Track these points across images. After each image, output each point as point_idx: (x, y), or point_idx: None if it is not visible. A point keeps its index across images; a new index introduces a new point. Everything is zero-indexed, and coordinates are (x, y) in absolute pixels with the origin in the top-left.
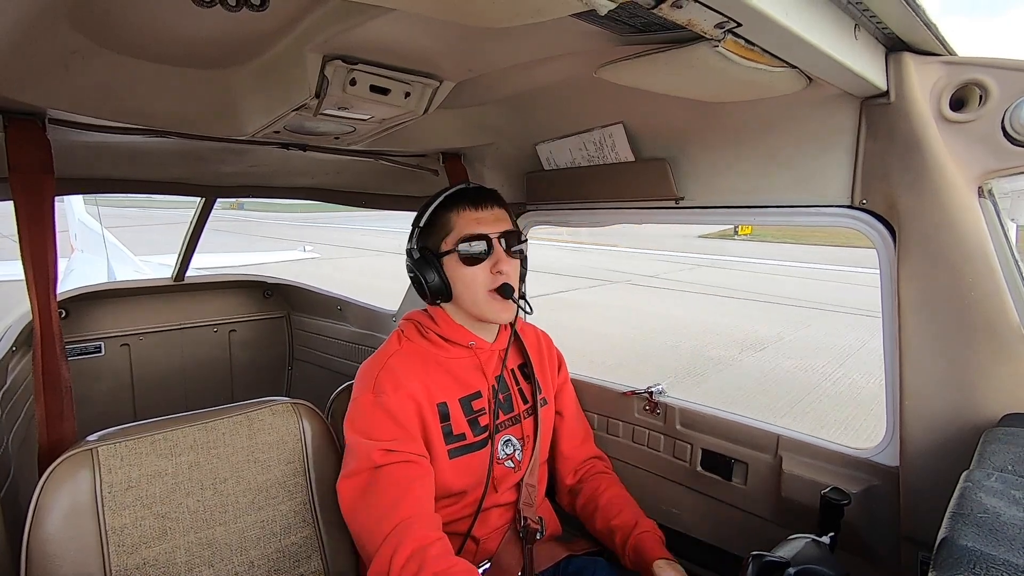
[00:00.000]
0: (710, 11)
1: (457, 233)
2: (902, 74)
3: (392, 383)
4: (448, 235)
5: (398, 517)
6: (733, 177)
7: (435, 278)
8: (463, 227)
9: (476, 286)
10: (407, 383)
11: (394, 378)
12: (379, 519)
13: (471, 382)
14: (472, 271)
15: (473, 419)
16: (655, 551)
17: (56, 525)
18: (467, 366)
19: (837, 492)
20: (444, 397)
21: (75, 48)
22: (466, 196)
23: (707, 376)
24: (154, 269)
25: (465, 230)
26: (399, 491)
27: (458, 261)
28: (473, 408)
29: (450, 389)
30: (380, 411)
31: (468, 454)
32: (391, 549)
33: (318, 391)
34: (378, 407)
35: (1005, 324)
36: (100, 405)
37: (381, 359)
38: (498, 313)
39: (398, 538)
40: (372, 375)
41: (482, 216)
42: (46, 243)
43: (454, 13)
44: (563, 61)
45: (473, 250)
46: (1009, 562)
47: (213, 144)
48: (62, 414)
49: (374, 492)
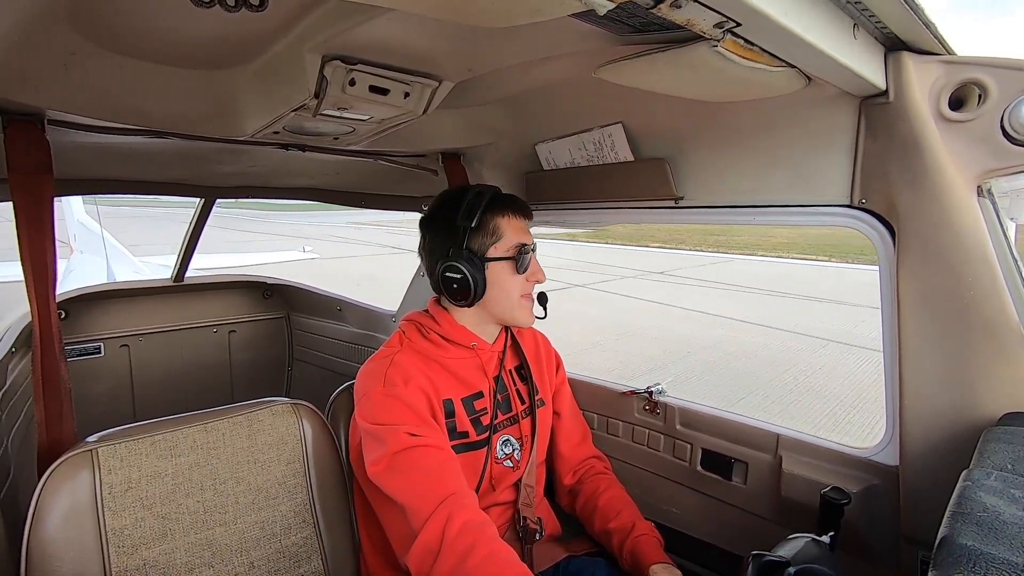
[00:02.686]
0: (709, 11)
1: (508, 241)
2: (901, 73)
3: (402, 377)
4: (498, 241)
5: (446, 490)
6: (732, 177)
7: (482, 280)
8: (513, 235)
9: (514, 292)
10: (415, 378)
11: (403, 373)
12: (424, 493)
13: (473, 382)
14: (517, 279)
15: (475, 418)
16: (652, 555)
17: (56, 526)
18: (468, 366)
19: (837, 491)
20: (449, 394)
21: (74, 49)
22: (513, 204)
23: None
24: (153, 270)
25: (515, 239)
26: (439, 467)
27: (509, 268)
28: (475, 407)
29: (454, 388)
30: (396, 401)
31: (470, 452)
32: (442, 520)
33: (318, 391)
34: (393, 398)
35: (1004, 323)
36: (100, 406)
37: (387, 357)
38: (528, 318)
39: (449, 509)
40: (380, 371)
41: (525, 225)
42: (45, 244)
43: (453, 13)
44: (562, 61)
45: (525, 260)
46: (1009, 561)
47: (212, 145)
48: (62, 415)
49: (413, 469)
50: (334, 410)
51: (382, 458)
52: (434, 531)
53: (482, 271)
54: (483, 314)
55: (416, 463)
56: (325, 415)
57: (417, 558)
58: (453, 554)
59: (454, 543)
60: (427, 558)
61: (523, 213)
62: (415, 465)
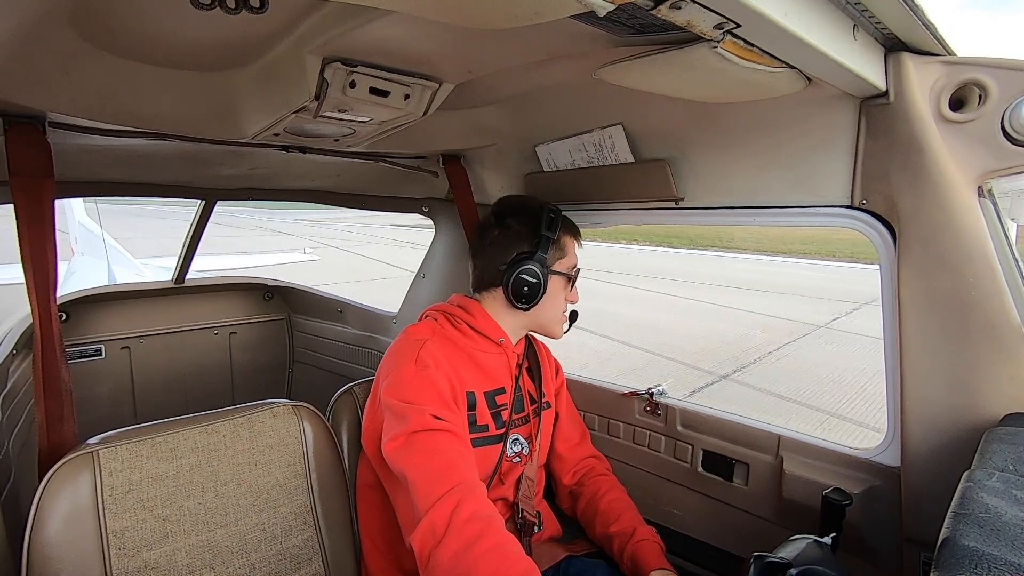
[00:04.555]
0: (709, 12)
1: (570, 260)
2: (901, 74)
3: (434, 360)
4: (563, 258)
5: (459, 477)
6: (733, 178)
7: (543, 286)
8: (573, 256)
9: (559, 307)
10: (444, 365)
11: (434, 356)
12: (438, 475)
13: (497, 377)
14: (565, 295)
15: (496, 412)
16: (652, 561)
17: (57, 528)
18: (495, 362)
19: (838, 493)
20: (473, 387)
21: (75, 51)
22: (576, 229)
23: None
24: (155, 272)
25: (575, 260)
26: (455, 454)
27: (563, 284)
28: (497, 402)
29: (478, 380)
30: (426, 382)
31: (487, 446)
32: (452, 504)
33: (319, 393)
34: (424, 379)
35: (1006, 324)
36: (101, 408)
37: (419, 338)
38: (561, 331)
39: (460, 495)
40: (413, 352)
41: (578, 250)
42: (46, 246)
43: (453, 15)
44: (562, 62)
45: (576, 280)
46: (1011, 562)
47: (213, 147)
48: (62, 417)
49: (429, 451)
50: (335, 412)
51: (400, 435)
52: (443, 514)
53: (547, 280)
54: (525, 319)
55: (435, 445)
56: (326, 417)
57: (422, 538)
58: (459, 539)
59: (462, 529)
60: (431, 540)
61: (580, 238)
62: (433, 447)
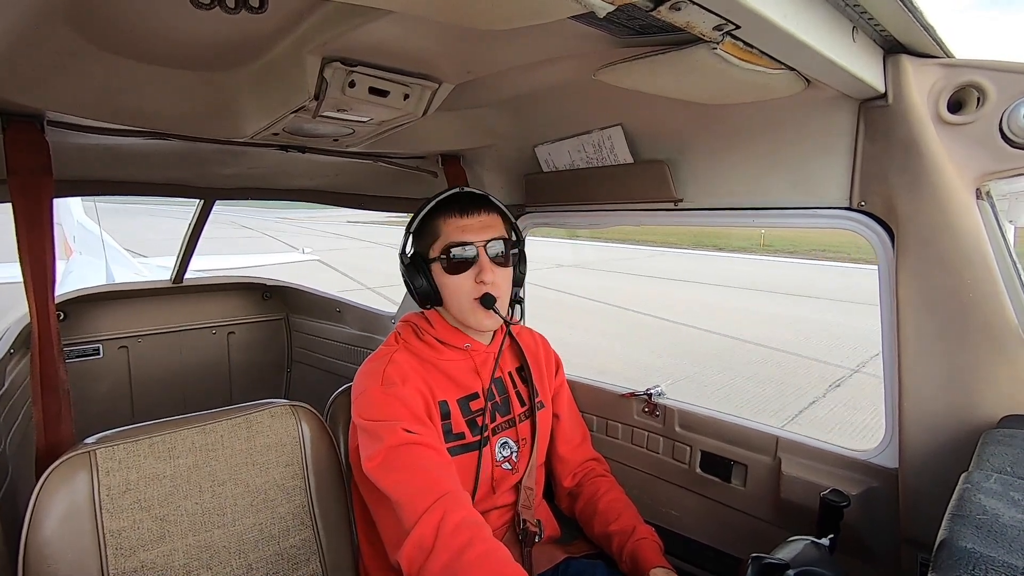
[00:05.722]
0: (708, 13)
1: (443, 241)
2: (900, 76)
3: (399, 376)
4: (435, 242)
5: (441, 488)
6: (732, 179)
7: (424, 284)
8: (448, 235)
9: (461, 294)
10: (412, 379)
11: (400, 372)
12: (419, 489)
13: (467, 383)
14: (456, 280)
15: (471, 419)
16: (651, 559)
17: (54, 528)
18: (463, 368)
19: (836, 494)
20: (444, 396)
21: (74, 50)
22: (455, 202)
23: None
24: (152, 271)
25: (450, 238)
26: (434, 466)
27: (442, 269)
28: (471, 409)
29: (448, 389)
30: (394, 399)
31: (466, 454)
32: (438, 516)
33: (317, 393)
34: (391, 396)
35: (1003, 325)
36: (98, 407)
37: (384, 356)
38: (481, 321)
39: (444, 506)
40: (378, 371)
41: (468, 223)
42: (44, 245)
43: (453, 15)
44: (562, 63)
45: (455, 259)
46: (1008, 563)
47: (212, 146)
48: (60, 416)
49: (408, 468)
50: (333, 412)
51: (378, 453)
52: (429, 527)
53: (427, 274)
54: (453, 319)
55: (412, 459)
56: (324, 417)
57: (409, 554)
58: (448, 550)
59: (450, 539)
60: (420, 554)
61: (467, 210)
62: (411, 462)
